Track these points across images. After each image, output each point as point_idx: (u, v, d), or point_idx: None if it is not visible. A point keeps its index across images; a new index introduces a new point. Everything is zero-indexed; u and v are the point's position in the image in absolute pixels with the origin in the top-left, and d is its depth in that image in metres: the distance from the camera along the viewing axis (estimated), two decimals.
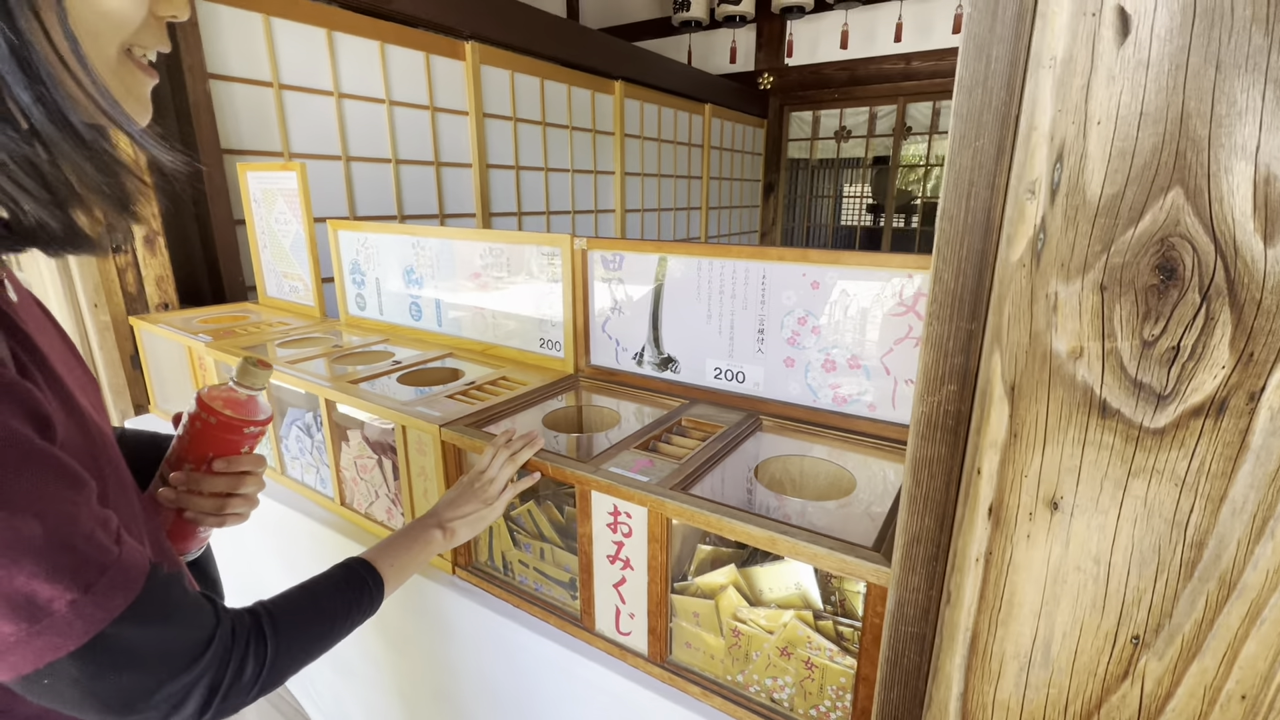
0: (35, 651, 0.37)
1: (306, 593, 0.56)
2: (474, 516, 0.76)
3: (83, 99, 0.39)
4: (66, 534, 0.37)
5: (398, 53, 2.38)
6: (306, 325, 1.52)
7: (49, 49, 0.36)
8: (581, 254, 1.10)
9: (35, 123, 0.37)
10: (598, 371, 1.15)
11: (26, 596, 0.35)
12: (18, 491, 0.35)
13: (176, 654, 0.42)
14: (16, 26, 0.35)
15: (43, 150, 0.38)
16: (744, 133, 5.03)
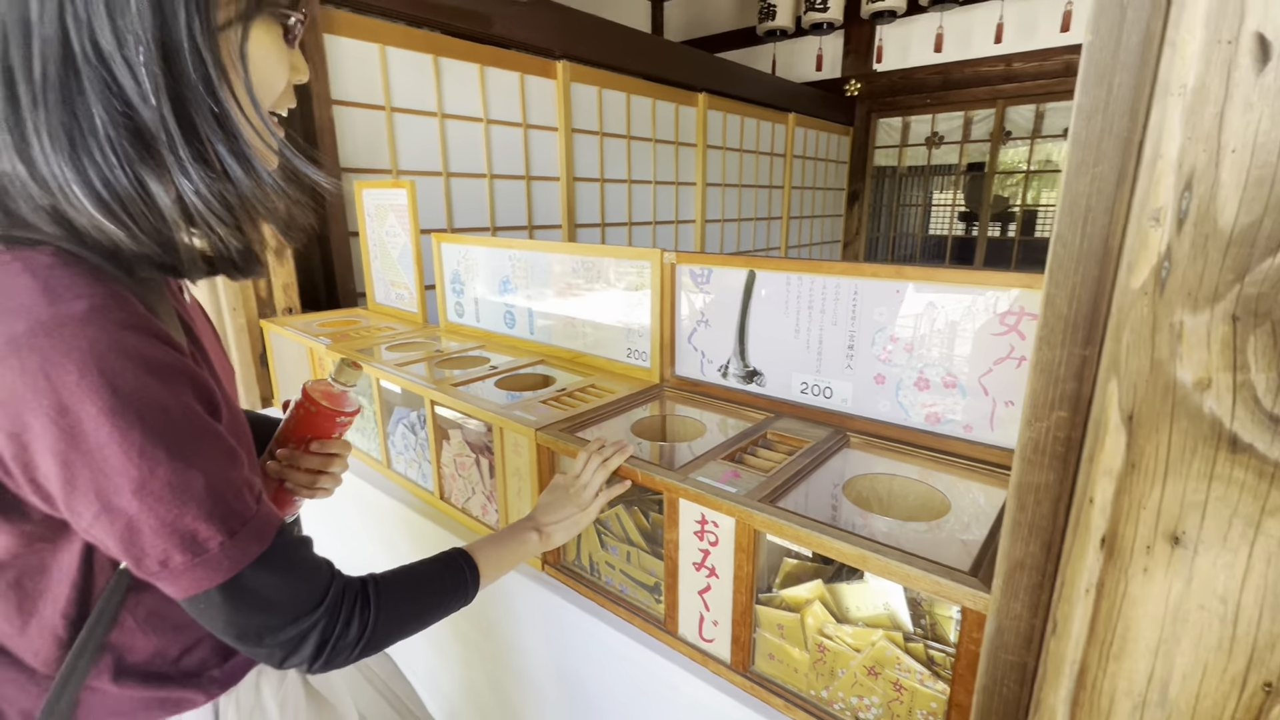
0: (195, 580, 0.46)
1: (411, 573, 0.62)
2: (569, 521, 0.81)
3: (260, 147, 0.49)
4: (221, 491, 0.46)
5: (495, 74, 2.52)
6: (410, 330, 1.64)
7: (239, 114, 0.47)
8: (670, 268, 1.13)
9: (228, 168, 0.47)
10: (682, 382, 1.18)
11: (191, 533, 0.45)
12: (192, 454, 0.45)
13: (296, 602, 0.51)
14: (218, 99, 0.45)
15: (232, 187, 0.47)
16: (828, 141, 4.94)
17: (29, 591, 0.50)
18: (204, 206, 0.46)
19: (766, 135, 4.19)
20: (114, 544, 0.45)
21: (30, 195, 0.42)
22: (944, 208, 5.77)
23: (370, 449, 1.45)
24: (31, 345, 0.39)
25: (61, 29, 0.40)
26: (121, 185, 0.43)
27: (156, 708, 0.55)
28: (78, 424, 0.40)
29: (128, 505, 0.43)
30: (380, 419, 1.36)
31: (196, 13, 0.42)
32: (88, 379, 0.40)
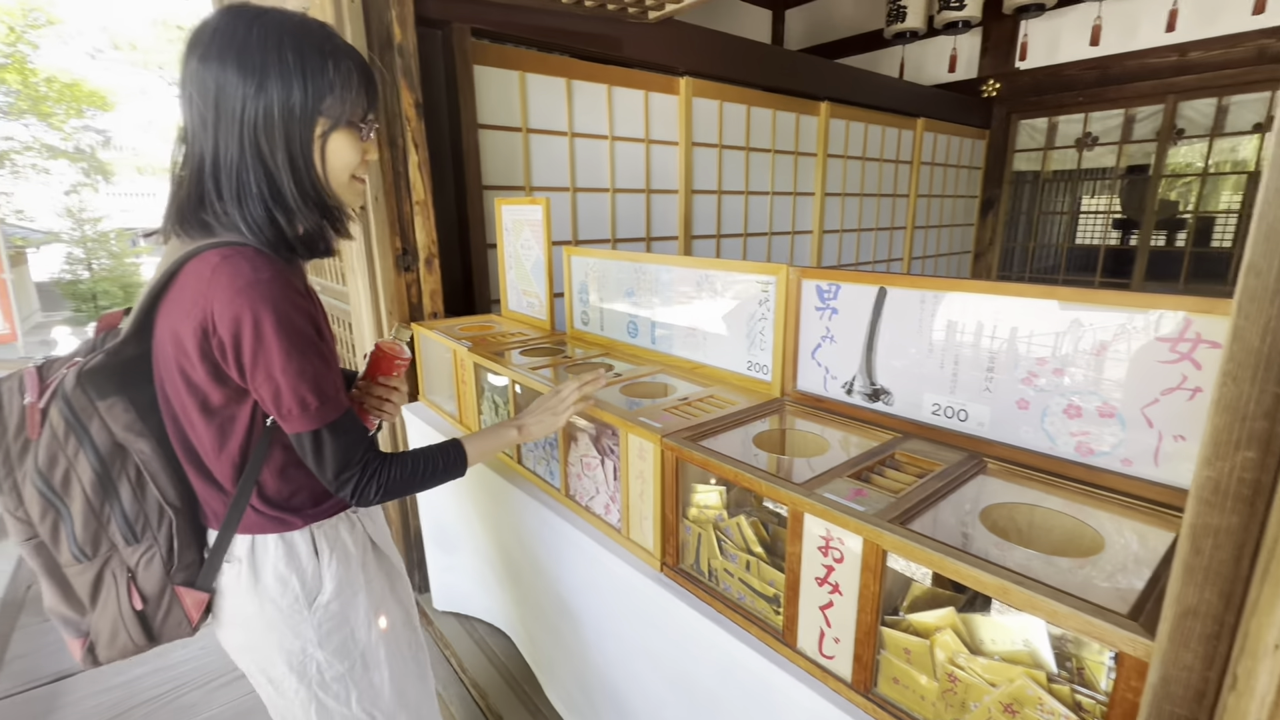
0: (301, 424, 0.81)
1: (416, 454, 0.93)
2: (542, 423, 1.07)
3: (330, 198, 0.87)
4: (320, 378, 0.80)
5: (621, 93, 2.64)
6: (539, 336, 1.76)
7: (316, 179, 0.84)
8: (796, 283, 1.14)
9: (313, 209, 0.85)
10: (804, 397, 1.18)
11: (302, 397, 0.79)
12: (309, 356, 0.79)
13: (346, 457, 0.84)
14: (313, 176, 0.84)
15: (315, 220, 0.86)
16: (961, 146, 4.64)
17: (225, 431, 0.84)
18: (303, 228, 0.85)
19: (892, 142, 4.02)
20: (268, 398, 0.79)
21: (221, 225, 0.81)
22: (1095, 215, 5.20)
23: None
24: (246, 293, 0.75)
25: (248, 146, 0.79)
26: (264, 222, 0.81)
27: (277, 524, 0.90)
28: (262, 334, 0.76)
29: (278, 376, 0.77)
30: (511, 415, 1.47)
31: (302, 136, 0.81)
32: (268, 312, 0.76)
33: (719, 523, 0.99)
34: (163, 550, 0.87)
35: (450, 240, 2.22)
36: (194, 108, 0.79)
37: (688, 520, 1.03)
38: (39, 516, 0.82)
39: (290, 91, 0.78)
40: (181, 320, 0.77)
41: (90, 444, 0.82)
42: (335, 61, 0.81)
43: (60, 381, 0.81)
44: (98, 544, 0.84)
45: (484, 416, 1.66)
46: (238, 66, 0.76)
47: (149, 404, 0.85)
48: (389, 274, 1.93)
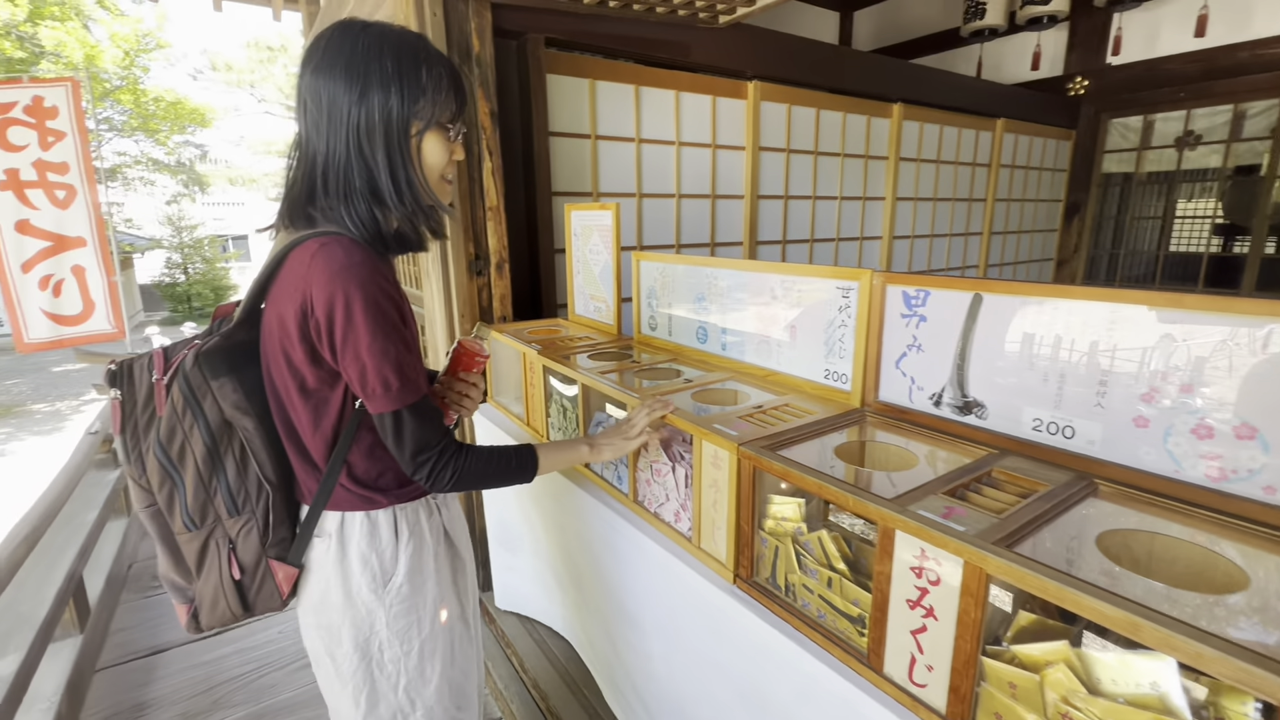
0: (382, 404, 0.86)
1: (493, 450, 0.98)
2: (615, 445, 1.12)
3: (424, 195, 0.93)
4: (401, 361, 0.85)
5: (689, 98, 2.63)
6: (606, 341, 1.77)
7: (412, 176, 0.91)
8: (880, 289, 1.09)
9: (409, 205, 0.92)
10: (886, 408, 1.12)
11: (385, 378, 0.84)
12: (393, 339, 0.84)
13: (424, 440, 0.88)
14: (408, 174, 0.90)
15: (411, 212, 0.93)
16: (1044, 147, 4.39)
17: (320, 411, 0.90)
18: (403, 220, 0.93)
19: (969, 144, 3.84)
20: (355, 376, 0.85)
21: (326, 219, 0.89)
22: (1195, 220, 4.81)
23: None
24: (339, 276, 0.81)
25: (351, 148, 0.87)
26: (366, 217, 0.89)
27: (364, 502, 0.95)
28: (352, 314, 0.82)
29: (364, 356, 0.83)
30: (582, 421, 1.48)
31: (400, 137, 0.88)
32: (358, 294, 0.82)
33: (798, 536, 0.95)
34: (260, 523, 0.93)
35: (519, 245, 2.26)
36: (308, 114, 0.87)
37: (764, 532, 1.00)
38: (158, 485, 0.91)
39: (389, 96, 0.85)
40: (285, 304, 0.85)
41: (203, 419, 0.90)
42: (429, 68, 0.88)
43: (181, 361, 0.90)
44: (205, 514, 0.92)
45: (551, 420, 1.67)
46: (345, 75, 0.84)
47: (255, 384, 0.93)
48: (462, 278, 1.98)
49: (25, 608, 1.87)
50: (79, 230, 3.22)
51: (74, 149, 3.12)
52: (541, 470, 1.03)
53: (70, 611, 2.06)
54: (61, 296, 3.19)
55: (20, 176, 2.96)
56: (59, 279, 3.16)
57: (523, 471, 1.01)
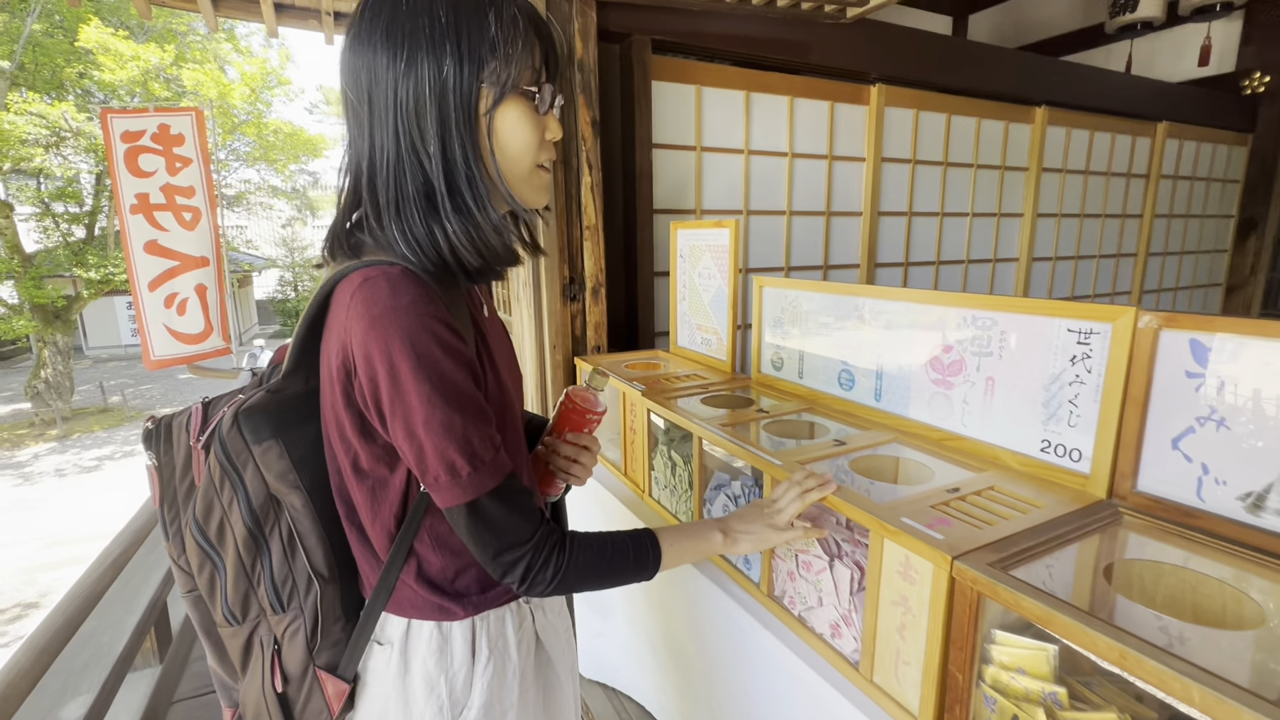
0: (452, 495, 0.63)
1: (604, 539, 0.75)
2: (758, 536, 0.86)
3: (495, 200, 0.68)
4: (471, 436, 0.63)
5: (805, 105, 2.35)
6: (719, 381, 1.50)
7: (476, 173, 0.65)
8: (1151, 334, 0.77)
9: (471, 216, 0.66)
10: (1153, 504, 0.79)
11: (451, 461, 0.62)
12: (457, 407, 0.62)
13: (513, 532, 0.66)
14: (471, 170, 0.65)
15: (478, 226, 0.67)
16: (1212, 154, 3.76)
17: (378, 496, 0.70)
18: (457, 241, 0.66)
19: (1123, 152, 3.32)
20: (412, 460, 0.64)
21: (378, 244, 0.67)
22: None
23: (679, 510, 1.32)
24: (381, 323, 0.60)
25: (397, 140, 0.63)
26: (423, 236, 0.65)
27: (435, 610, 0.73)
28: (398, 377, 0.60)
29: (419, 433, 0.62)
30: (697, 481, 1.21)
31: (462, 116, 0.63)
32: (405, 348, 0.60)
33: (1052, 705, 0.64)
34: (307, 624, 0.73)
35: (615, 268, 2.06)
36: (348, 107, 0.66)
37: (986, 686, 0.69)
38: (198, 567, 0.74)
39: (443, 58, 0.61)
40: (330, 356, 0.66)
41: (244, 493, 0.71)
42: (497, 11, 0.62)
43: (219, 421, 0.71)
44: (247, 607, 0.73)
45: (655, 474, 1.42)
46: (386, 41, 0.61)
47: (307, 449, 0.72)
48: (555, 304, 1.78)
49: (106, 638, 1.81)
50: (202, 251, 3.34)
51: (199, 174, 3.24)
52: (665, 566, 0.78)
53: (151, 640, 2.00)
54: (185, 315, 3.31)
55: (150, 200, 3.09)
56: (183, 298, 3.28)
57: (641, 568, 0.76)
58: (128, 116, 3.14)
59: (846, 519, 0.96)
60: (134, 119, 3.17)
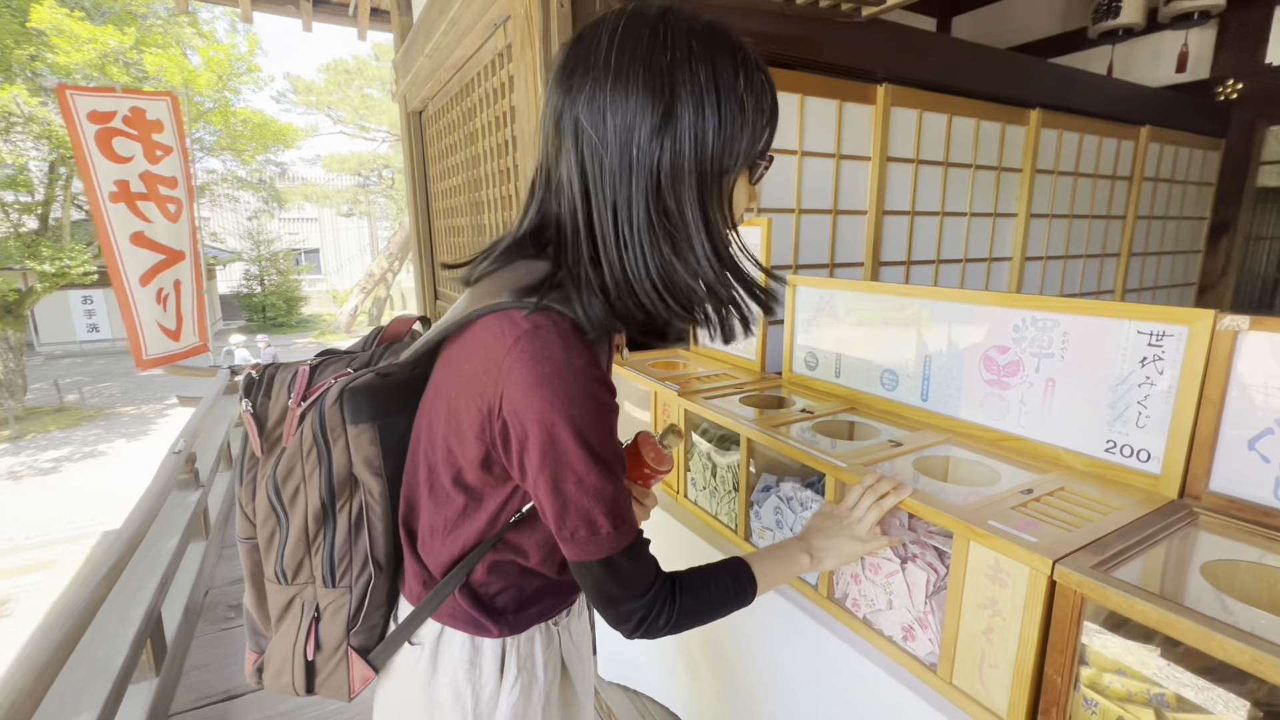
0: (588, 551, 0.63)
1: (706, 576, 0.74)
2: (842, 551, 0.85)
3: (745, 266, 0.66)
4: (616, 497, 0.63)
5: (814, 103, 2.35)
6: (750, 380, 1.49)
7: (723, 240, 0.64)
8: (1229, 337, 0.78)
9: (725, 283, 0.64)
10: (1227, 504, 0.80)
11: (594, 520, 0.62)
12: (610, 472, 0.62)
13: (637, 585, 0.66)
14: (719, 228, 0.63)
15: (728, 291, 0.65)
16: (1189, 158, 3.89)
17: (468, 512, 0.70)
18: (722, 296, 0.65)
19: (1109, 154, 3.41)
20: (550, 513, 0.63)
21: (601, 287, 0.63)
22: None
23: (720, 512, 1.31)
24: (550, 384, 0.58)
25: (651, 195, 0.60)
26: (676, 289, 0.63)
27: (471, 624, 0.74)
28: (556, 440, 0.59)
29: (568, 491, 0.61)
30: (743, 486, 1.20)
31: (715, 176, 0.61)
32: (570, 415, 0.58)
33: (1160, 706, 0.64)
34: (353, 605, 0.75)
35: None
36: (583, 146, 0.60)
37: (1084, 688, 0.69)
38: (262, 520, 0.75)
39: (703, 120, 0.58)
40: (462, 392, 0.64)
41: (327, 466, 0.72)
42: (748, 77, 0.60)
43: (323, 393, 0.72)
44: (299, 571, 0.75)
45: (692, 475, 1.40)
46: (644, 89, 0.57)
47: (397, 439, 0.74)
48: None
49: (103, 652, 1.73)
50: (182, 244, 3.20)
51: (179, 163, 3.10)
52: (760, 592, 0.78)
53: (147, 652, 1.91)
54: (168, 311, 3.17)
55: (130, 189, 2.93)
56: (166, 293, 3.14)
57: (741, 597, 0.76)
58: (93, 95, 2.99)
59: (909, 518, 0.96)
60: (100, 99, 3.01)
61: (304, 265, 20.57)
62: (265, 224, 18.28)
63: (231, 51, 11.10)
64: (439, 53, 2.72)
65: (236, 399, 4.48)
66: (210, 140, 12.24)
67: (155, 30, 10.50)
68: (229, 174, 14.69)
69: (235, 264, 18.07)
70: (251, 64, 11.50)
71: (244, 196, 16.51)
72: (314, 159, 21.64)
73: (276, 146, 13.24)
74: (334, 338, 15.97)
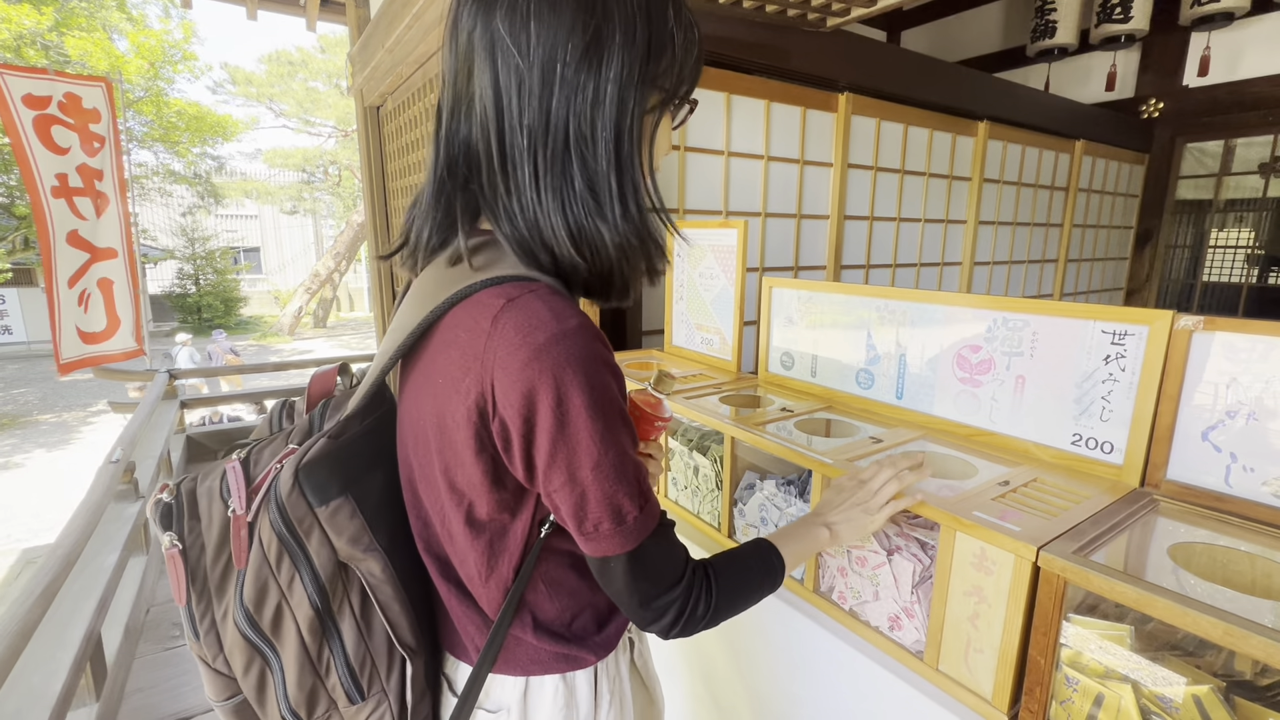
0: (612, 544, 0.57)
1: (737, 560, 0.69)
2: (857, 523, 0.81)
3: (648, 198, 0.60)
4: (637, 475, 0.57)
5: (779, 109, 2.41)
6: (727, 380, 1.51)
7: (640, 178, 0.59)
8: (1184, 336, 0.84)
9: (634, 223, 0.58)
10: (1183, 491, 0.86)
11: (619, 506, 0.56)
12: (627, 444, 0.56)
13: (670, 573, 0.60)
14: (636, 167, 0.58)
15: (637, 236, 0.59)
16: (1118, 171, 4.17)
17: (495, 550, 0.61)
18: (622, 245, 0.58)
19: (1049, 166, 3.62)
20: (567, 509, 0.56)
21: (526, 250, 0.57)
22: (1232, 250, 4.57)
23: (703, 511, 1.32)
24: (550, 352, 0.51)
25: (567, 122, 0.54)
26: (587, 228, 0.56)
27: (560, 661, 0.66)
28: (567, 415, 0.52)
29: (585, 478, 0.54)
30: (728, 483, 1.22)
31: (637, 115, 0.57)
32: (577, 379, 0.51)
33: (1138, 680, 0.68)
34: (394, 709, 0.64)
35: None
36: (500, 63, 0.53)
37: (1066, 667, 0.73)
38: (243, 668, 0.61)
39: (632, 53, 0.54)
40: (448, 396, 0.55)
41: (308, 569, 0.59)
42: (677, 14, 0.57)
43: (273, 481, 0.59)
44: (314, 703, 0.62)
45: (674, 475, 1.41)
46: (573, 10, 0.52)
47: (379, 502, 0.63)
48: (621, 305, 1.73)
49: (38, 678, 1.60)
50: (110, 241, 3.00)
51: (110, 155, 2.91)
52: (788, 572, 0.74)
53: (87, 676, 1.78)
54: (89, 311, 2.96)
55: (69, 183, 2.72)
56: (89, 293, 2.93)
57: (773, 578, 0.71)
58: (27, 76, 2.77)
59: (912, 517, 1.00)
60: (35, 80, 2.79)
61: (243, 264, 19.62)
62: (201, 220, 17.36)
63: (164, 38, 10.51)
64: (401, 47, 2.65)
65: (176, 405, 4.23)
66: (140, 131, 11.55)
67: (79, 12, 9.84)
68: (161, 167, 13.89)
69: (168, 262, 17.09)
70: (187, 51, 10.92)
71: (178, 191, 15.63)
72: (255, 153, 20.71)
73: (214, 139, 12.61)
74: (277, 340, 15.28)
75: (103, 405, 8.99)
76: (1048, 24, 4.14)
